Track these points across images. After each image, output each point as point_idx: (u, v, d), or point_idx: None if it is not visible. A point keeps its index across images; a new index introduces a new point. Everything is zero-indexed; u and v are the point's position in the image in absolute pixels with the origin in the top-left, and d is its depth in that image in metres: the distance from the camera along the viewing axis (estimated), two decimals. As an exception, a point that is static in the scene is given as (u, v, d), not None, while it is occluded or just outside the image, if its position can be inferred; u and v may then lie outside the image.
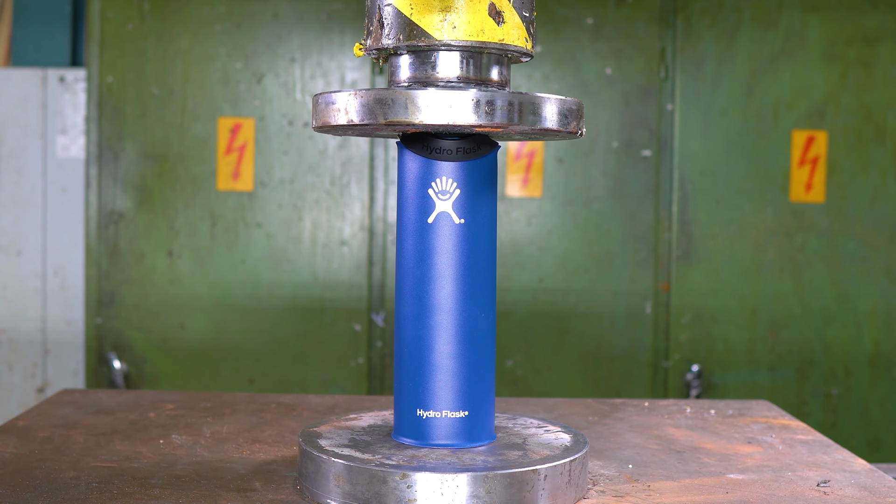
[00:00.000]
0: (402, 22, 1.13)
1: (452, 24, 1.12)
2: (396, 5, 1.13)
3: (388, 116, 1.07)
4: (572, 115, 1.13)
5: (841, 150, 3.20)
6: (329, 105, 1.13)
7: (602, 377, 3.22)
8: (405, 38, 1.13)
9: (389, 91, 1.07)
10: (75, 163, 3.73)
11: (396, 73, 1.18)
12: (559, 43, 3.18)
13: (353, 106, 1.10)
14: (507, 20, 1.14)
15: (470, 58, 1.15)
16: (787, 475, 1.29)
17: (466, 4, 1.12)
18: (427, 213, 1.18)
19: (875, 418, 3.25)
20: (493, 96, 1.07)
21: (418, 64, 1.16)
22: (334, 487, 1.12)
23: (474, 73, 1.15)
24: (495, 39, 1.13)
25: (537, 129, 1.10)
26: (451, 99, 1.06)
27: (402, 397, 1.21)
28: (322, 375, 3.22)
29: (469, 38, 1.12)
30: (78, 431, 1.45)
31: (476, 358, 1.20)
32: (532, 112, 1.09)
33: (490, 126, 1.07)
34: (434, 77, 1.15)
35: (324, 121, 1.14)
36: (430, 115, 1.06)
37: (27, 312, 3.76)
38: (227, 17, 3.19)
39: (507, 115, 1.07)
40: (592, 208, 3.21)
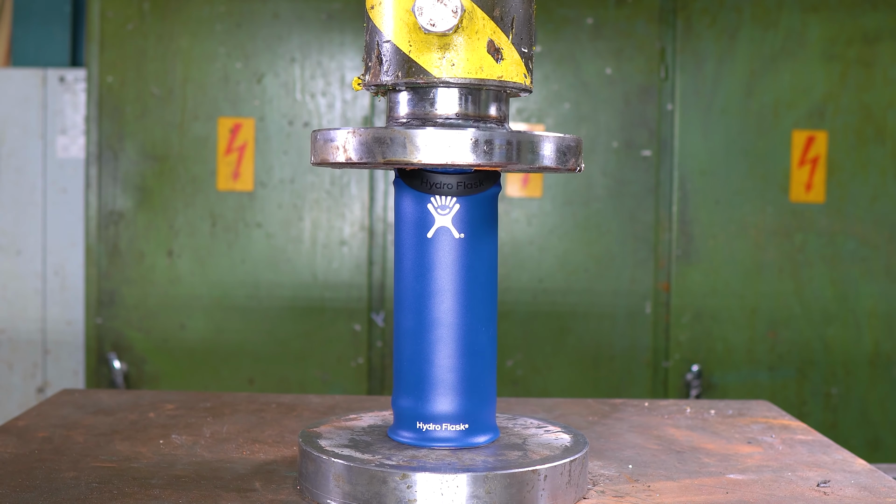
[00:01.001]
0: (401, 59, 1.13)
1: (451, 61, 1.12)
2: (395, 42, 1.14)
3: (386, 155, 1.07)
4: (571, 152, 1.14)
5: (841, 150, 3.20)
6: (328, 142, 1.13)
7: (602, 377, 3.22)
8: (404, 76, 1.13)
9: (388, 130, 1.07)
10: (75, 163, 3.73)
11: (395, 108, 1.18)
12: (559, 43, 3.18)
13: (351, 144, 1.10)
14: (506, 57, 1.14)
15: (468, 94, 1.15)
16: (787, 475, 1.29)
17: (465, 42, 1.12)
18: (426, 229, 1.19)
19: (875, 418, 3.25)
20: (491, 135, 1.07)
21: (417, 100, 1.16)
22: (334, 488, 1.12)
23: (473, 109, 1.16)
24: (494, 76, 1.13)
25: (535, 167, 1.11)
26: (450, 138, 1.06)
27: (402, 410, 1.21)
28: (322, 375, 3.22)
29: (468, 75, 1.12)
30: (78, 431, 1.45)
31: (477, 371, 1.20)
32: (531, 151, 1.09)
33: (489, 165, 1.07)
34: (433, 114, 1.15)
35: (322, 158, 1.14)
36: (429, 155, 1.06)
37: (27, 312, 3.76)
38: (227, 17, 3.19)
39: (506, 155, 1.07)
40: (592, 208, 3.21)
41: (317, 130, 1.16)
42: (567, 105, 3.19)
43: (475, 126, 1.14)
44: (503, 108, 1.19)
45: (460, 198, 1.18)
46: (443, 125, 1.14)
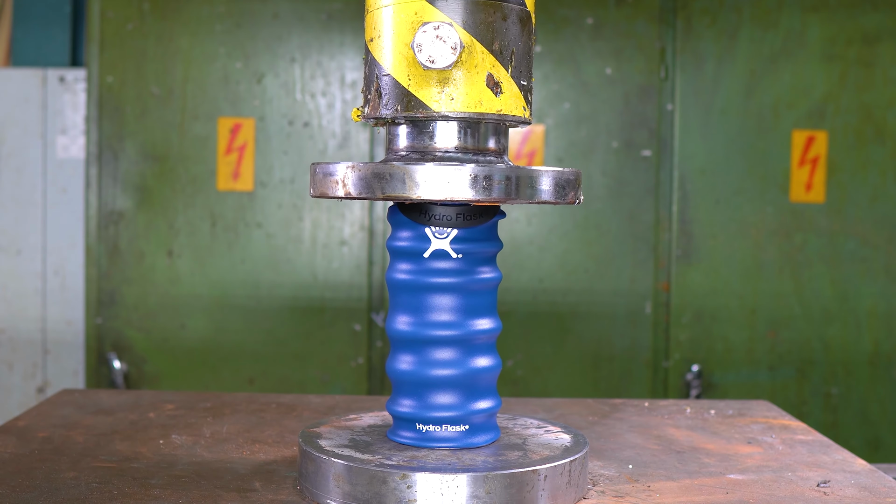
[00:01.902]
0: (400, 93, 1.13)
1: (450, 95, 1.12)
2: (394, 76, 1.14)
3: (385, 191, 1.07)
4: (570, 185, 1.14)
5: (841, 150, 3.20)
6: (327, 176, 1.13)
7: (602, 377, 3.22)
8: (403, 109, 1.13)
9: (387, 166, 1.07)
10: (75, 163, 3.72)
11: (395, 141, 1.19)
12: (559, 43, 3.18)
13: (350, 179, 1.10)
14: (505, 90, 1.14)
15: (468, 128, 1.16)
16: (787, 475, 1.29)
17: (464, 76, 1.12)
18: (423, 250, 1.19)
19: (875, 418, 3.25)
20: (490, 171, 1.07)
21: (416, 133, 1.16)
22: (334, 488, 1.12)
23: (472, 142, 1.16)
24: (493, 110, 1.14)
25: (535, 201, 1.11)
26: (449, 174, 1.06)
27: (402, 415, 1.21)
28: (322, 375, 3.22)
29: (467, 109, 1.12)
30: (78, 431, 1.45)
31: (478, 379, 1.20)
32: (529, 186, 1.09)
33: (488, 201, 1.08)
34: (432, 147, 1.15)
35: (321, 191, 1.14)
36: (428, 191, 1.06)
37: (27, 312, 3.76)
38: (227, 17, 3.19)
39: (505, 191, 1.08)
40: (592, 208, 3.21)
41: (316, 164, 1.16)
42: (567, 105, 3.19)
43: (474, 160, 1.15)
44: (502, 141, 1.19)
45: (460, 229, 1.19)
46: (442, 159, 1.14)
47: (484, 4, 1.13)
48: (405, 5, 1.13)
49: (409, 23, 1.12)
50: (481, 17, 1.12)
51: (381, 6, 1.15)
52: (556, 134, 3.19)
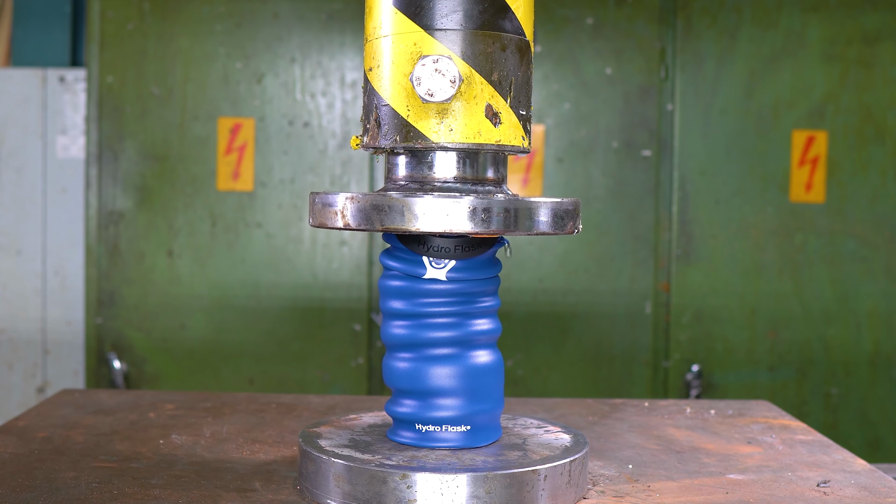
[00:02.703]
0: (399, 123, 1.14)
1: (449, 126, 1.12)
2: (393, 107, 1.14)
3: (384, 223, 1.08)
4: (568, 216, 1.14)
5: (841, 150, 3.20)
6: (326, 207, 1.13)
7: (602, 377, 3.22)
8: (402, 140, 1.13)
9: (386, 198, 1.08)
10: (75, 163, 3.72)
11: (393, 170, 1.19)
12: (559, 43, 3.18)
13: (349, 211, 1.10)
14: (504, 121, 1.14)
15: (466, 158, 1.16)
16: (787, 475, 1.29)
17: (463, 107, 1.12)
18: (420, 274, 1.19)
19: (875, 418, 3.25)
20: (489, 204, 1.07)
21: (415, 163, 1.16)
22: (334, 488, 1.12)
23: (471, 172, 1.16)
24: (492, 141, 1.14)
25: (533, 232, 1.11)
26: (448, 207, 1.06)
27: (402, 415, 1.21)
28: (322, 375, 3.22)
29: (466, 140, 1.12)
30: (78, 431, 1.45)
31: (480, 386, 1.20)
32: (528, 217, 1.10)
33: (486, 233, 1.08)
34: (431, 177, 1.16)
35: (321, 221, 1.15)
36: (427, 223, 1.06)
37: (27, 312, 3.76)
38: (227, 17, 3.19)
39: (504, 223, 1.08)
40: (592, 208, 3.21)
41: (315, 193, 1.16)
42: (567, 105, 3.19)
43: (473, 190, 1.15)
44: (501, 170, 1.19)
45: (458, 260, 1.19)
46: (441, 189, 1.14)
47: (483, 35, 1.13)
48: (404, 36, 1.13)
49: (408, 54, 1.13)
50: (480, 48, 1.13)
51: (380, 36, 1.15)
52: (556, 134, 3.19)
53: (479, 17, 1.13)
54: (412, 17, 1.13)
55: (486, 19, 1.13)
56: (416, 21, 1.13)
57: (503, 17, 1.14)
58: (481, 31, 1.13)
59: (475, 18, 1.12)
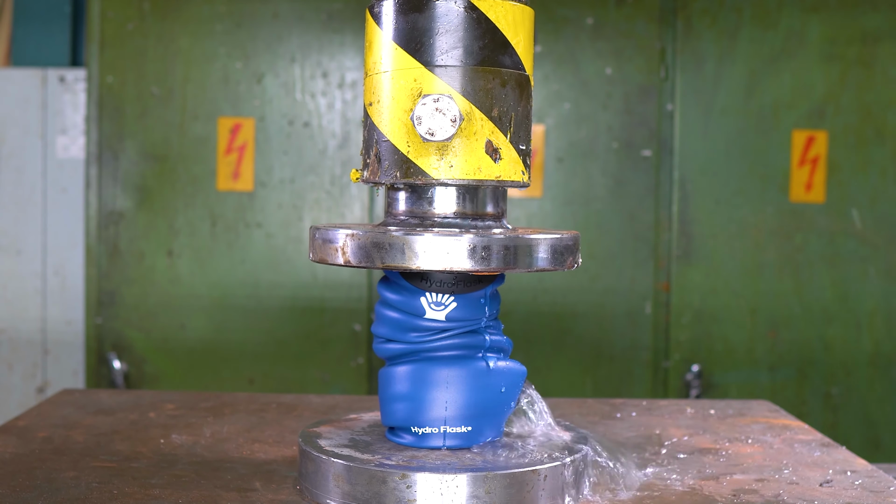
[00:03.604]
0: (399, 159, 1.14)
1: (449, 163, 1.12)
2: (394, 143, 1.14)
3: (385, 261, 1.08)
4: (568, 251, 1.15)
5: (841, 150, 3.20)
6: (327, 243, 1.13)
7: (602, 377, 3.22)
8: (402, 176, 1.14)
9: (386, 235, 1.08)
10: (75, 163, 3.72)
11: (394, 204, 1.19)
12: (559, 43, 3.18)
13: (350, 248, 1.10)
14: (504, 156, 1.14)
15: (466, 194, 1.16)
16: (788, 475, 1.29)
17: (463, 143, 1.12)
18: (419, 316, 1.19)
19: (875, 418, 3.25)
20: (489, 242, 1.07)
21: (415, 199, 1.17)
22: (334, 488, 1.12)
23: (471, 207, 1.17)
24: (492, 177, 1.14)
25: (533, 269, 1.12)
26: (448, 245, 1.06)
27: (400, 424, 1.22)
28: (322, 375, 3.22)
29: (466, 176, 1.13)
30: (78, 431, 1.45)
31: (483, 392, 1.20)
32: (528, 255, 1.10)
33: (487, 271, 1.08)
34: (431, 212, 1.16)
35: (321, 257, 1.15)
36: (427, 261, 1.07)
37: (27, 312, 3.76)
38: (227, 17, 3.19)
39: (503, 260, 1.08)
40: (592, 208, 3.21)
41: (315, 228, 1.16)
42: (567, 105, 3.19)
43: (473, 226, 1.15)
44: (501, 205, 1.20)
45: (458, 296, 1.19)
46: (441, 224, 1.14)
47: (483, 71, 1.13)
48: (404, 72, 1.13)
49: (408, 89, 1.13)
50: (480, 84, 1.13)
51: (380, 71, 1.15)
52: (556, 134, 3.19)
53: (480, 54, 1.13)
54: (412, 54, 1.13)
55: (487, 55, 1.13)
56: (416, 57, 1.13)
57: (503, 53, 1.14)
58: (481, 68, 1.13)
59: (475, 55, 1.12)
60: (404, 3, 1.14)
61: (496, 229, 1.15)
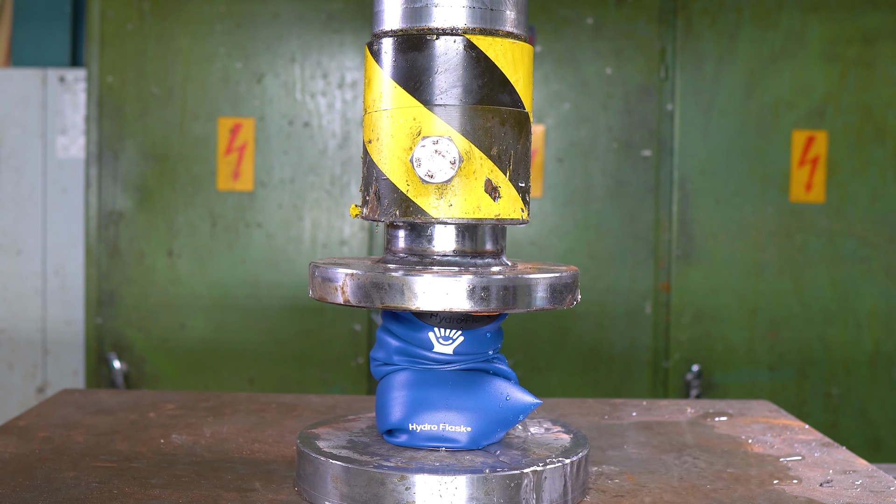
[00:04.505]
0: (399, 198, 1.14)
1: (449, 202, 1.12)
2: (393, 181, 1.14)
3: (384, 301, 1.08)
4: (567, 289, 1.15)
5: (841, 150, 3.20)
6: (326, 282, 1.13)
7: (602, 377, 3.22)
8: (402, 214, 1.14)
9: (385, 276, 1.08)
10: (75, 163, 3.72)
11: (393, 241, 1.19)
12: (559, 43, 3.18)
13: (349, 287, 1.10)
14: (504, 194, 1.14)
15: (466, 232, 1.16)
16: (789, 475, 1.29)
17: (463, 183, 1.12)
18: (427, 349, 1.20)
19: (875, 418, 3.25)
20: (488, 282, 1.07)
21: (415, 237, 1.17)
22: (332, 489, 1.12)
23: (470, 245, 1.17)
24: (491, 215, 1.14)
25: (533, 309, 1.12)
26: (447, 286, 1.07)
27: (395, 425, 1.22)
28: (322, 375, 3.22)
29: (465, 215, 1.13)
30: (78, 431, 1.45)
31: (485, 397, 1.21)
32: (527, 294, 1.10)
33: (486, 311, 1.09)
34: (430, 250, 1.16)
35: (321, 295, 1.15)
36: (427, 302, 1.07)
37: (27, 312, 3.76)
38: (227, 17, 3.19)
39: (502, 301, 1.09)
40: (592, 208, 3.21)
41: (315, 265, 1.16)
42: (567, 105, 3.19)
43: (472, 264, 1.15)
44: (500, 242, 1.20)
45: (466, 331, 1.19)
46: (440, 263, 1.15)
47: (482, 110, 1.13)
48: (403, 111, 1.13)
49: (407, 128, 1.12)
50: (479, 123, 1.12)
51: (379, 109, 1.15)
52: (556, 134, 3.19)
53: (479, 92, 1.12)
54: (411, 92, 1.13)
55: (486, 94, 1.13)
56: (415, 96, 1.12)
57: (503, 91, 1.14)
58: (480, 106, 1.12)
59: (474, 93, 1.12)
60: (403, 42, 1.13)
61: (495, 267, 1.15)
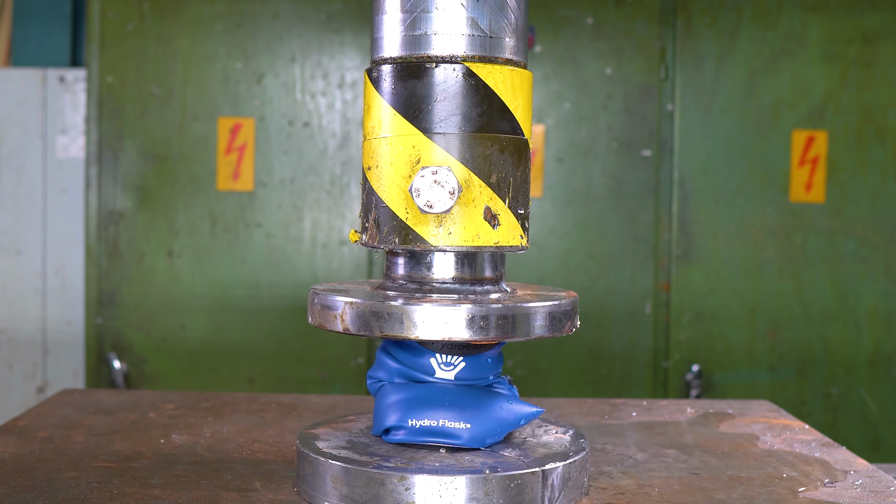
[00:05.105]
0: (398, 225, 1.14)
1: (448, 230, 1.13)
2: (392, 209, 1.14)
3: (384, 330, 1.09)
4: (566, 316, 1.15)
5: (841, 150, 3.20)
6: (326, 309, 1.14)
7: (602, 377, 3.22)
8: (401, 242, 1.14)
9: (384, 305, 1.08)
10: (75, 163, 3.72)
11: (392, 268, 1.20)
12: (559, 43, 3.18)
13: (348, 316, 1.11)
14: (503, 222, 1.15)
15: (465, 259, 1.17)
16: (789, 475, 1.29)
17: (462, 210, 1.12)
18: (429, 375, 1.20)
19: (875, 418, 3.25)
20: (487, 312, 1.08)
21: (414, 264, 1.17)
22: (332, 490, 1.12)
23: (469, 272, 1.17)
24: (490, 243, 1.14)
25: (532, 337, 1.12)
26: (446, 315, 1.07)
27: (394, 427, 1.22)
28: (322, 375, 3.22)
29: (464, 243, 1.13)
30: (78, 431, 1.45)
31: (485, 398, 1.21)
32: (526, 323, 1.11)
33: (485, 340, 1.09)
34: (430, 277, 1.17)
35: (320, 322, 1.16)
36: (426, 331, 1.08)
37: (27, 312, 3.76)
38: (227, 17, 3.19)
39: (501, 330, 1.09)
40: (592, 208, 3.21)
41: (315, 291, 1.16)
42: (567, 105, 3.19)
43: (472, 291, 1.16)
44: (499, 268, 1.20)
45: (467, 357, 1.19)
46: (439, 290, 1.15)
47: (481, 138, 1.12)
48: (403, 139, 1.13)
49: (406, 156, 1.12)
50: (479, 151, 1.13)
51: (379, 136, 1.15)
52: (556, 134, 3.19)
53: (478, 120, 1.12)
54: (410, 120, 1.13)
55: (485, 122, 1.13)
56: (414, 124, 1.12)
57: (502, 119, 1.14)
58: (480, 134, 1.12)
59: (474, 121, 1.12)
60: (402, 70, 1.13)
61: (494, 294, 1.16)
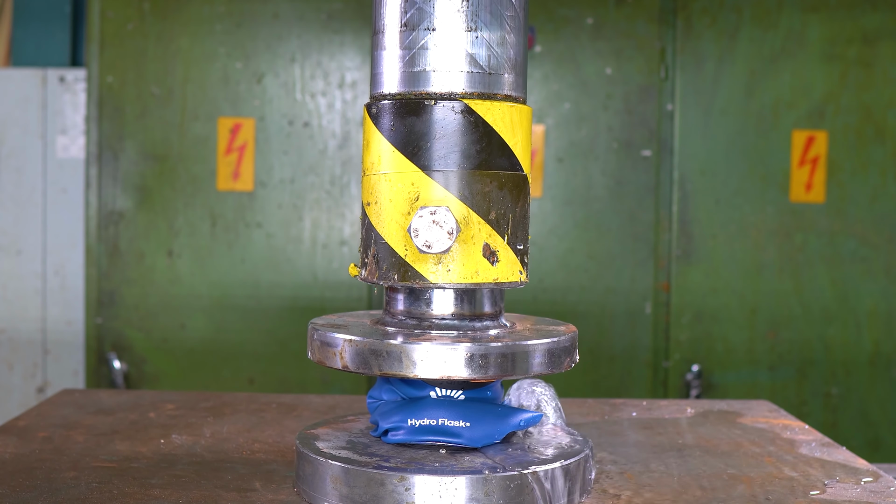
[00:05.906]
0: (397, 262, 1.14)
1: (447, 267, 1.13)
2: (391, 245, 1.14)
3: (383, 368, 1.09)
4: (565, 353, 1.15)
5: (841, 150, 3.20)
6: (325, 346, 1.14)
7: (602, 377, 3.22)
8: (400, 279, 1.14)
9: (383, 343, 1.09)
10: (75, 163, 3.72)
11: (392, 303, 1.20)
12: (559, 43, 3.18)
13: (348, 353, 1.11)
14: (502, 258, 1.14)
15: (464, 295, 1.17)
16: (788, 475, 1.29)
17: (461, 248, 1.12)
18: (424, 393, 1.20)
19: (875, 418, 3.25)
20: (486, 350, 1.08)
21: (413, 300, 1.17)
22: (332, 490, 1.12)
23: (468, 309, 1.17)
24: (489, 280, 1.14)
25: (530, 375, 1.12)
26: (445, 354, 1.07)
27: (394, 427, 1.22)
28: (322, 375, 3.22)
29: (463, 280, 1.13)
30: (78, 431, 1.45)
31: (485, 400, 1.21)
32: (524, 360, 1.11)
33: (484, 378, 1.09)
34: (429, 314, 1.17)
35: (319, 359, 1.15)
36: (425, 370, 1.08)
37: (27, 312, 3.76)
38: (227, 17, 3.19)
39: (500, 368, 1.09)
40: (592, 208, 3.21)
41: (315, 327, 1.16)
42: (567, 105, 3.19)
43: (471, 327, 1.16)
44: (499, 304, 1.20)
45: (466, 391, 1.20)
46: (438, 326, 1.15)
47: (480, 175, 1.12)
48: (402, 175, 1.13)
49: (405, 193, 1.12)
50: (478, 188, 1.12)
51: (378, 172, 1.15)
52: (556, 134, 3.19)
53: (477, 157, 1.12)
54: (409, 157, 1.13)
55: (484, 158, 1.13)
56: (413, 161, 1.12)
57: (501, 155, 1.14)
58: (479, 171, 1.12)
59: (473, 158, 1.12)
60: (401, 107, 1.13)
61: (493, 330, 1.16)
